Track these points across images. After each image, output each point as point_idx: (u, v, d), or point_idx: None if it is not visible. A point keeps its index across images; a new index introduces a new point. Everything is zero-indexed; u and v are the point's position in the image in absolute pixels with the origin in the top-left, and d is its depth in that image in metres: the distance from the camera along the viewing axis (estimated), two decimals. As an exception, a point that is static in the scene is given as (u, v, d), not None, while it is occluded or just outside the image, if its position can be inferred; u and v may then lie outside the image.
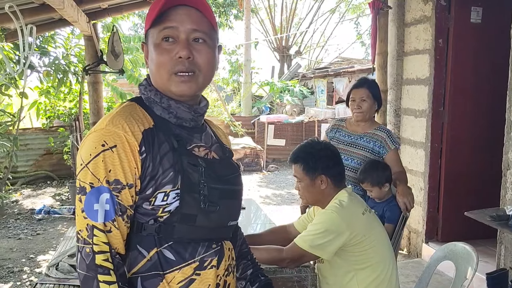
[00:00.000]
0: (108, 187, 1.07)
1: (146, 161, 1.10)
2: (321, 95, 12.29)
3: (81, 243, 1.07)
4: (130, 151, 1.08)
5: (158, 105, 1.19)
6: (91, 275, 1.05)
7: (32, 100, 7.38)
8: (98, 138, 1.08)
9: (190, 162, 1.15)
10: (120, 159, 1.07)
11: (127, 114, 1.13)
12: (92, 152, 1.07)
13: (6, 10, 2.92)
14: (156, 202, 1.11)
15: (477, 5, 4.01)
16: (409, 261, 4.27)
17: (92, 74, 4.53)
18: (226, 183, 1.23)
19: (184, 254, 1.14)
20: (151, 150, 1.11)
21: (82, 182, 1.08)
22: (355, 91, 2.86)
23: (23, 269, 4.34)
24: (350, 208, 1.94)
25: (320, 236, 1.88)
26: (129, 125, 1.10)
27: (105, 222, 1.06)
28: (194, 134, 1.22)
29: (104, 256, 1.06)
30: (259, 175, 9.34)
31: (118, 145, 1.08)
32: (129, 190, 1.09)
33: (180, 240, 1.14)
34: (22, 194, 7.43)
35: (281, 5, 17.33)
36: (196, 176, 1.14)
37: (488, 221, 2.64)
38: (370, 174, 2.67)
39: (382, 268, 1.96)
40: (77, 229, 1.09)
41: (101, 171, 1.07)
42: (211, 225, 1.18)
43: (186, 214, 1.12)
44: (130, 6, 4.60)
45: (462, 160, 4.15)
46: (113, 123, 1.10)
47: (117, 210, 1.08)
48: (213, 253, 1.19)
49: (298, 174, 2.01)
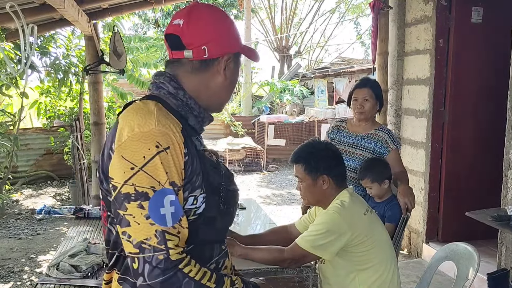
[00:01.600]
0: (171, 189, 1.04)
1: (188, 163, 1.09)
2: (321, 95, 12.27)
3: (150, 252, 1.01)
4: (180, 153, 1.07)
5: (193, 115, 1.18)
6: (172, 272, 1.01)
7: (32, 100, 7.38)
8: (150, 139, 1.04)
9: (211, 165, 1.16)
10: (174, 161, 1.05)
11: (165, 113, 1.11)
12: (146, 154, 1.03)
13: (7, 9, 2.92)
14: (186, 206, 1.09)
15: (478, 5, 4.00)
16: (410, 261, 4.26)
17: (92, 74, 4.52)
18: (233, 184, 1.26)
19: (204, 257, 1.15)
20: (190, 152, 1.10)
21: (139, 187, 1.02)
22: (357, 91, 2.86)
23: (24, 269, 4.34)
24: (352, 209, 1.94)
25: (321, 236, 1.88)
26: (173, 125, 1.08)
27: (174, 225, 1.03)
28: (198, 137, 1.24)
29: (177, 252, 1.03)
30: (259, 175, 9.34)
31: (171, 147, 1.05)
32: (182, 192, 1.07)
33: (201, 242, 1.14)
34: (22, 194, 7.43)
35: (281, 5, 17.33)
36: (217, 178, 1.15)
37: (489, 222, 2.63)
38: (369, 170, 2.68)
39: (384, 268, 1.95)
40: (139, 238, 1.02)
41: (161, 173, 1.03)
42: (225, 226, 1.21)
43: (208, 217, 1.13)
44: (130, 6, 4.60)
45: (462, 160, 4.15)
46: (161, 123, 1.06)
47: (181, 212, 1.05)
48: (224, 255, 1.22)
49: (300, 174, 2.01)
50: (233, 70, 1.23)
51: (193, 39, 1.16)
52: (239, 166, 9.51)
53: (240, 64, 1.27)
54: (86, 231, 2.95)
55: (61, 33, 6.00)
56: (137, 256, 1.02)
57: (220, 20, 1.20)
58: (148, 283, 1.01)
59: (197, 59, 1.17)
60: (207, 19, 1.18)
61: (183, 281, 1.02)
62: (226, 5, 14.62)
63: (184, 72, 1.19)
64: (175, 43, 1.18)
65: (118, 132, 1.08)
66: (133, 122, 1.07)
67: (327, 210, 1.96)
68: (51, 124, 7.89)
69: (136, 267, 1.02)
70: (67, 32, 6.10)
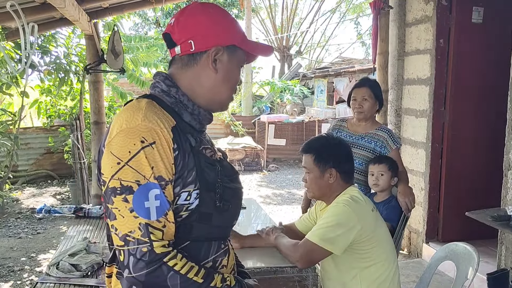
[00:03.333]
0: (157, 183, 1.05)
1: (178, 159, 1.10)
2: (320, 95, 12.27)
3: (134, 245, 1.02)
4: (168, 147, 1.07)
5: (187, 112, 1.19)
6: (156, 265, 1.02)
7: (33, 99, 7.38)
8: (135, 135, 1.06)
9: (207, 162, 1.16)
10: (160, 156, 1.06)
11: (155, 110, 1.12)
12: (131, 150, 1.05)
13: (8, 8, 2.92)
14: (179, 201, 1.10)
15: (478, 5, 4.00)
16: (410, 261, 4.26)
17: (93, 73, 4.52)
18: (235, 182, 1.25)
19: (199, 255, 1.15)
20: (181, 148, 1.10)
21: (124, 181, 1.04)
22: (356, 91, 2.87)
23: (24, 268, 4.34)
24: (362, 203, 1.94)
25: (331, 229, 1.86)
26: (162, 121, 1.09)
27: (159, 219, 1.04)
28: (201, 135, 1.23)
29: (162, 245, 1.04)
30: (259, 174, 9.34)
31: (157, 142, 1.06)
32: (171, 186, 1.08)
33: (196, 239, 1.14)
34: (22, 193, 7.43)
35: (282, 5, 17.32)
36: (213, 175, 1.15)
37: (489, 222, 2.64)
38: (387, 158, 2.70)
39: (385, 267, 1.96)
40: (124, 231, 1.03)
41: (146, 167, 1.04)
42: (224, 224, 1.20)
43: (203, 213, 1.13)
44: (131, 5, 4.59)
45: (462, 160, 4.15)
46: (148, 119, 1.08)
47: (167, 205, 1.06)
48: (223, 253, 1.21)
49: (308, 164, 2.00)
50: (227, 64, 1.20)
51: (180, 35, 1.18)
52: (239, 165, 9.51)
53: (240, 59, 1.24)
54: (86, 230, 2.95)
55: (62, 33, 6.01)
56: (122, 248, 1.04)
57: (210, 14, 1.20)
58: (133, 275, 1.03)
59: (185, 54, 1.19)
60: (196, 15, 1.19)
61: (168, 274, 1.03)
62: (227, 5, 14.62)
63: (177, 69, 1.21)
64: (168, 41, 1.21)
65: (110, 129, 1.12)
66: (122, 119, 1.10)
67: (337, 203, 1.94)
68: (52, 123, 7.90)
69: (122, 260, 1.04)
70: (68, 31, 6.10)
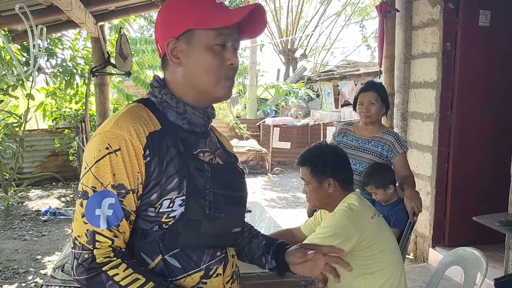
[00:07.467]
0: (113, 192, 1.03)
1: (151, 166, 1.07)
2: (327, 97, 12.25)
3: (79, 249, 1.03)
4: (134, 155, 1.05)
5: (172, 110, 1.16)
6: (95, 272, 1.02)
7: (38, 101, 7.42)
8: (102, 141, 1.05)
9: (196, 167, 1.12)
10: (124, 163, 1.04)
11: (133, 115, 1.10)
12: (96, 155, 1.04)
13: (16, 10, 2.93)
14: (161, 209, 1.08)
15: (485, 8, 3.98)
16: (416, 265, 4.23)
17: (98, 76, 4.54)
18: (231, 189, 1.20)
19: (189, 263, 1.12)
20: (156, 154, 1.07)
21: (84, 186, 1.04)
22: (363, 95, 2.86)
23: (29, 270, 4.34)
24: (359, 212, 1.92)
25: (328, 239, 1.85)
26: (134, 127, 1.07)
27: (110, 228, 1.03)
28: (200, 139, 1.20)
29: (105, 255, 1.03)
30: (264, 178, 9.33)
31: (123, 148, 1.04)
32: (133, 195, 1.06)
33: (185, 247, 1.11)
34: (27, 196, 7.45)
35: (287, 8, 17.36)
36: (202, 181, 1.11)
37: (497, 226, 2.61)
38: (373, 177, 2.67)
39: (391, 273, 1.94)
40: (74, 234, 1.04)
41: (105, 175, 1.03)
42: (216, 231, 1.15)
43: (190, 220, 1.09)
44: (137, 8, 4.61)
45: (469, 164, 4.12)
46: (118, 125, 1.06)
47: (121, 215, 1.04)
48: (218, 261, 1.17)
49: (306, 177, 2.00)
50: (188, 52, 1.12)
51: (156, 40, 1.19)
52: (244, 168, 9.51)
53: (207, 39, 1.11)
54: (91, 233, 2.94)
55: (68, 35, 6.04)
56: (71, 250, 1.05)
57: (161, 12, 1.18)
58: (76, 278, 1.03)
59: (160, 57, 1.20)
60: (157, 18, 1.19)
61: (107, 283, 1.02)
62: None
63: (165, 71, 1.20)
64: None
65: None
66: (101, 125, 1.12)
67: (334, 213, 1.94)
68: (57, 126, 7.94)
69: (71, 261, 1.05)
70: (74, 33, 6.13)
